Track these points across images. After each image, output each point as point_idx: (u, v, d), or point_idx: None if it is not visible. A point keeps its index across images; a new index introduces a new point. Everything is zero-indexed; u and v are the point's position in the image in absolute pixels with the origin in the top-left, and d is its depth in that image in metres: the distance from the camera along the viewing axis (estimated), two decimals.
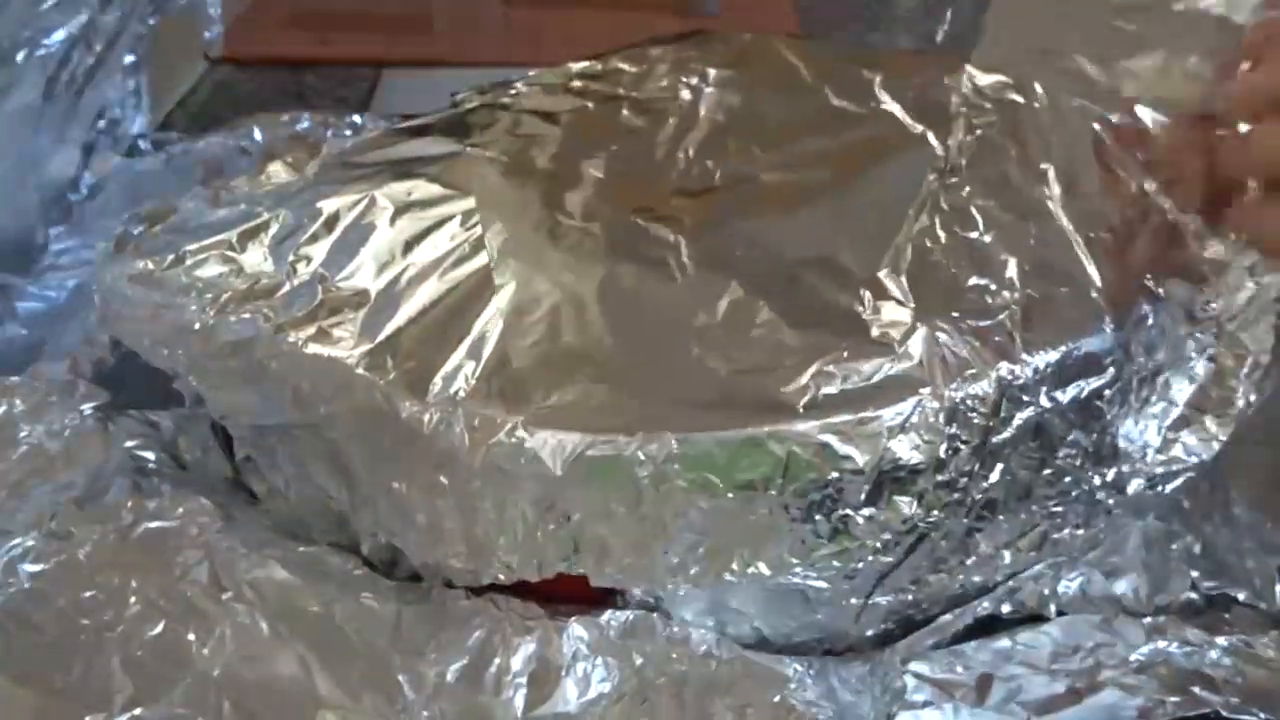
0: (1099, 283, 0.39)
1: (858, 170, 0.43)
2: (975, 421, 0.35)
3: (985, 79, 0.47)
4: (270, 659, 0.35)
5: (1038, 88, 0.46)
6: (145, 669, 0.34)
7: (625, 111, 0.48)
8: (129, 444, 0.42)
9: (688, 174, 0.44)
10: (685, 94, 0.48)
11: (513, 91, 0.50)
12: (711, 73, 0.49)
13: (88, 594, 0.36)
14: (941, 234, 0.40)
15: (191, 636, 0.35)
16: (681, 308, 0.38)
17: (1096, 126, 0.43)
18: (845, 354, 0.36)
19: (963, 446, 0.35)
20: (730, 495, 0.34)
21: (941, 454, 0.35)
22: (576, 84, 0.50)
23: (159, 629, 0.35)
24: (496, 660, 0.36)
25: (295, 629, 0.36)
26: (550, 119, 0.47)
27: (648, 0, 1.02)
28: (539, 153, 0.45)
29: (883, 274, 0.38)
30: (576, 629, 0.37)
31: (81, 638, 0.35)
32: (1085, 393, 0.37)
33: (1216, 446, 0.40)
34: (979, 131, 0.44)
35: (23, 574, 0.36)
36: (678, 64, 0.50)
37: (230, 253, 0.42)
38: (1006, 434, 0.36)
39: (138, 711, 0.33)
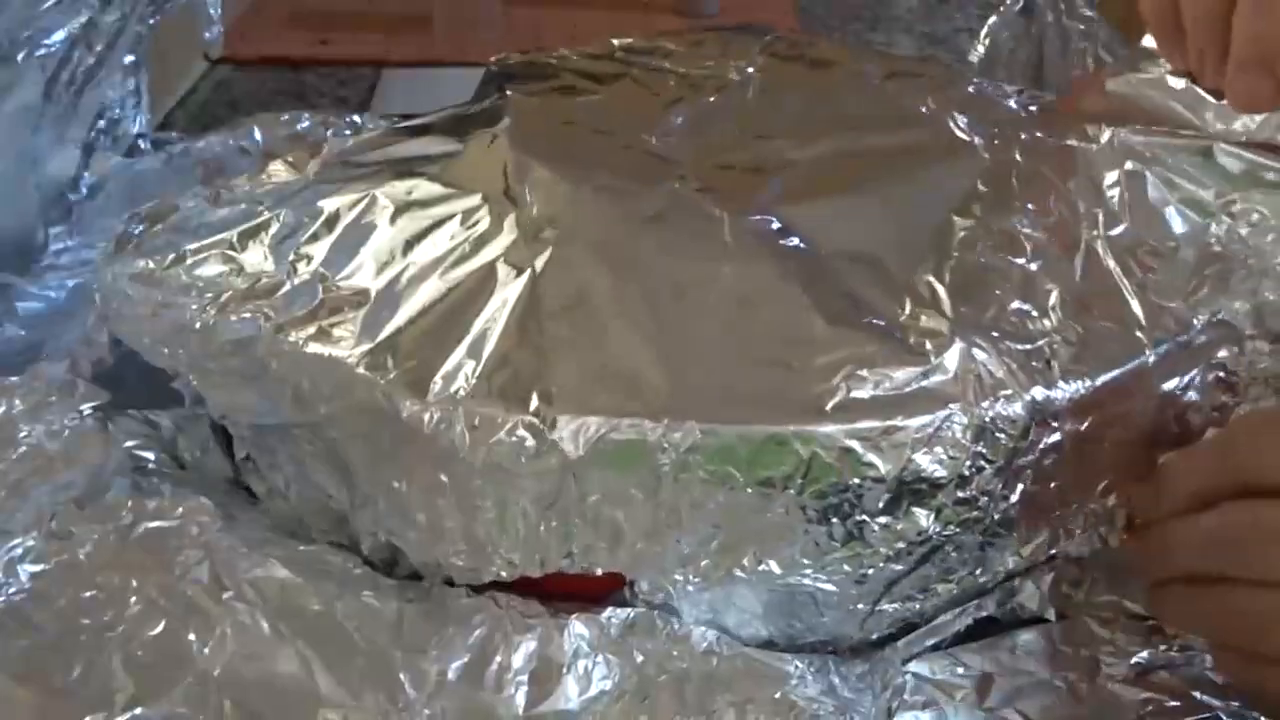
0: (1143, 321, 0.39)
1: (906, 169, 0.43)
2: (1002, 443, 0.35)
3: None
4: (271, 658, 0.35)
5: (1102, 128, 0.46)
6: (146, 668, 0.34)
7: (673, 83, 0.47)
8: (129, 444, 0.42)
9: (735, 151, 0.43)
10: (733, 75, 0.48)
11: (557, 54, 0.50)
12: (760, 59, 0.49)
13: (88, 594, 0.36)
14: (988, 253, 0.39)
15: (192, 636, 0.35)
16: (719, 289, 0.37)
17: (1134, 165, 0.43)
18: (879, 358, 0.35)
19: (987, 466, 0.35)
20: (749, 490, 0.34)
21: (965, 471, 0.35)
22: (621, 54, 0.50)
23: (159, 628, 0.35)
24: (498, 658, 0.36)
25: (296, 627, 0.35)
26: (597, 80, 0.47)
27: (647, 0, 1.02)
28: (584, 113, 0.45)
29: (926, 280, 0.38)
30: (578, 626, 0.36)
31: (82, 637, 0.35)
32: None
33: None
34: (1031, 163, 0.44)
35: (23, 574, 0.36)
36: (724, 46, 0.50)
37: (231, 252, 0.42)
38: (1031, 456, 0.36)
39: (138, 711, 0.33)
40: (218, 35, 0.75)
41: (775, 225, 0.40)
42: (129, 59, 0.65)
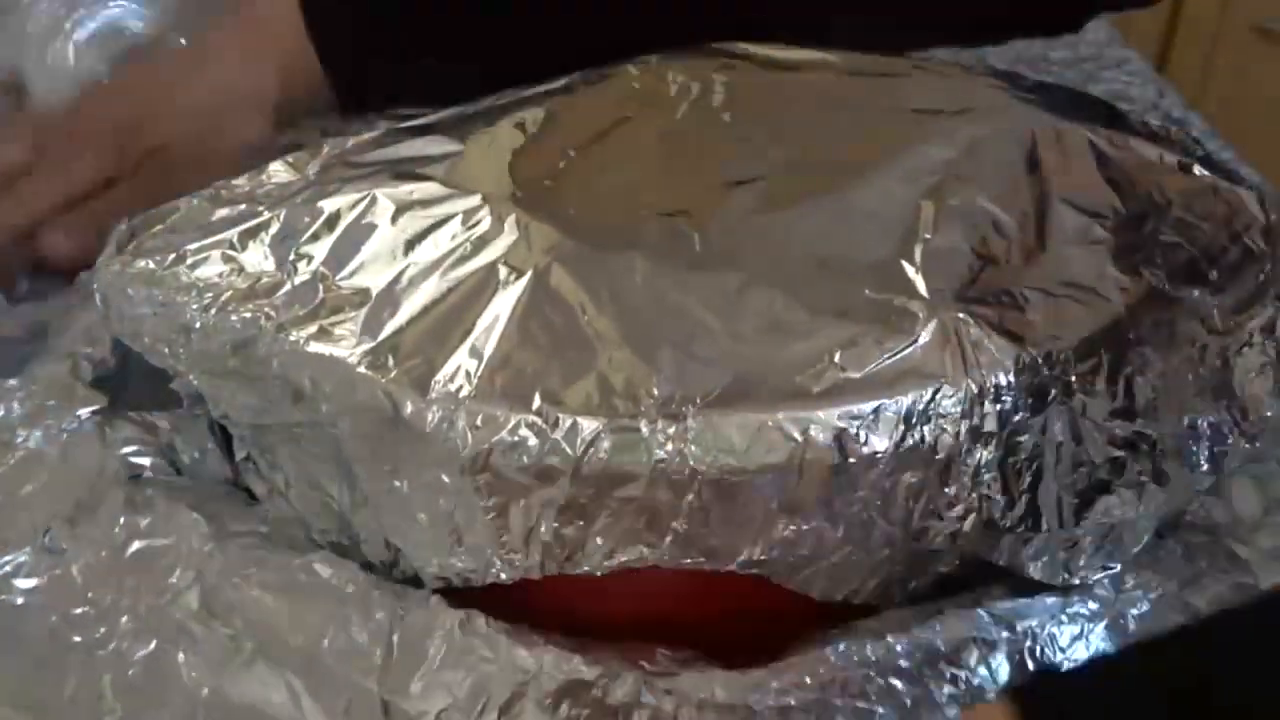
0: (1115, 276, 0.39)
1: (869, 164, 0.43)
2: (991, 410, 0.35)
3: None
4: (260, 683, 0.34)
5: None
6: (135, 689, 0.34)
7: (635, 108, 0.48)
8: (125, 450, 0.42)
9: (699, 172, 0.44)
10: (695, 87, 0.49)
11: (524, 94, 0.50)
12: (718, 76, 0.50)
13: (79, 610, 0.36)
14: (953, 228, 0.40)
15: (181, 657, 0.35)
16: (698, 297, 0.38)
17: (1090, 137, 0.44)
18: (862, 341, 0.36)
19: (979, 434, 0.35)
20: (749, 478, 0.34)
21: (959, 442, 0.35)
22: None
23: (150, 648, 0.35)
24: (484, 699, 0.35)
25: (283, 656, 0.35)
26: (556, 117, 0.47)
27: None
28: (551, 144, 0.45)
29: (899, 265, 0.38)
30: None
31: (72, 656, 0.35)
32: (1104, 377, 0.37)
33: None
34: (983, 136, 0.44)
35: (15, 589, 0.36)
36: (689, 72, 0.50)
37: (231, 252, 0.41)
38: (1019, 417, 0.36)
39: None
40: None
41: (746, 236, 0.40)
42: None
